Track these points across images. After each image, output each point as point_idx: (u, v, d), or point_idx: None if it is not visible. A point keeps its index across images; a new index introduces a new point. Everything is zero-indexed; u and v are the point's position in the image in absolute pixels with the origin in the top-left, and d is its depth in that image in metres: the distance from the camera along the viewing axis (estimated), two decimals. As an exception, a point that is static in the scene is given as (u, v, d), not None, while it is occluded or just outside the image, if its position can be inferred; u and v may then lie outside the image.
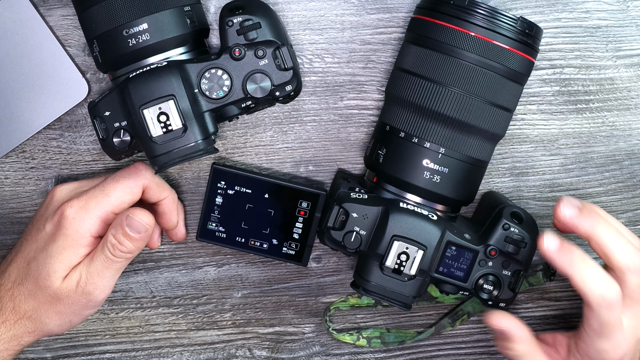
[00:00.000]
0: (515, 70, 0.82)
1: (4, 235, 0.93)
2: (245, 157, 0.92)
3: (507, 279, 0.84)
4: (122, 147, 0.82)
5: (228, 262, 0.94)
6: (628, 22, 0.90)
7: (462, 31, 0.80)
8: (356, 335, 0.94)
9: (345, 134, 0.91)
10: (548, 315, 0.94)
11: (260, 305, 0.94)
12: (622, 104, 0.91)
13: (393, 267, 0.81)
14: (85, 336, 0.95)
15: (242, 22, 0.82)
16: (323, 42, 0.90)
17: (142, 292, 0.94)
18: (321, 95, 0.91)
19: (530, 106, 0.91)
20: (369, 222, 0.83)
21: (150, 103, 0.79)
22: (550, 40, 0.90)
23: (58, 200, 0.85)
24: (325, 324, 0.94)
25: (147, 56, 0.82)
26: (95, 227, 0.82)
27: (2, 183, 0.92)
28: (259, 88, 0.82)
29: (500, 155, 0.92)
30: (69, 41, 0.89)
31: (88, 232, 0.82)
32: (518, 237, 0.83)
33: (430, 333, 0.93)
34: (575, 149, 0.92)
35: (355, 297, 0.93)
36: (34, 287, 0.82)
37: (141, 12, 0.80)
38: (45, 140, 0.91)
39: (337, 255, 0.93)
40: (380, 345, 0.94)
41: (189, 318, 0.95)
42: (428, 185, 0.82)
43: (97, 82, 0.90)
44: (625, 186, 0.93)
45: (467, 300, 0.93)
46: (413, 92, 0.82)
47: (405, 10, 0.90)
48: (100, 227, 0.82)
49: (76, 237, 0.81)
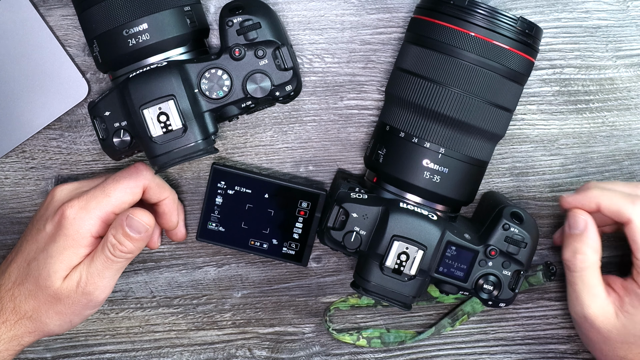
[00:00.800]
0: (515, 70, 0.81)
1: (4, 235, 0.93)
2: (245, 157, 0.92)
3: (507, 279, 0.84)
4: (122, 147, 0.82)
5: (228, 262, 0.94)
6: (628, 22, 0.90)
7: (462, 31, 0.80)
8: (356, 335, 0.94)
9: (345, 134, 0.91)
10: (548, 315, 0.94)
11: (260, 305, 0.94)
12: (622, 104, 0.91)
13: (393, 267, 0.81)
14: (85, 336, 0.95)
15: (242, 22, 0.82)
16: (323, 42, 0.90)
17: (142, 292, 0.94)
18: (321, 95, 0.91)
19: (530, 106, 0.91)
20: (369, 222, 0.83)
21: (150, 103, 0.79)
22: (550, 40, 0.90)
23: (58, 201, 0.84)
24: (325, 324, 0.94)
25: (147, 56, 0.82)
26: (95, 227, 0.82)
27: (2, 183, 0.92)
28: (259, 88, 0.82)
29: (500, 155, 0.92)
30: (69, 41, 0.89)
31: (88, 232, 0.81)
32: (518, 237, 0.83)
33: (430, 333, 0.93)
34: (575, 149, 0.92)
35: (355, 297, 0.93)
36: (34, 288, 0.82)
37: (141, 12, 0.80)
38: (45, 140, 0.91)
39: (337, 255, 0.93)
40: (380, 345, 0.94)
41: (189, 318, 0.95)
42: (428, 185, 0.82)
43: (97, 82, 0.90)
44: (625, 186, 0.93)
45: (466, 300, 0.93)
46: (413, 92, 0.82)
47: (405, 10, 0.90)
48: (101, 228, 0.82)
49: (76, 237, 0.81)
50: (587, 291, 0.83)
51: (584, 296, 0.83)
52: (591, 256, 0.82)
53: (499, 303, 0.85)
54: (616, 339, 0.83)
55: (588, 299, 0.83)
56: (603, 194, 0.82)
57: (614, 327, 0.82)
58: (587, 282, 0.83)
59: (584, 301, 0.83)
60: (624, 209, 0.81)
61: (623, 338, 0.82)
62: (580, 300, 0.83)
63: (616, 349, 0.83)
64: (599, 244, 0.83)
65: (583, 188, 0.84)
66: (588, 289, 0.83)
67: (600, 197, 0.82)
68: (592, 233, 0.82)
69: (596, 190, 0.83)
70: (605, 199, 0.82)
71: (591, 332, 0.84)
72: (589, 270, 0.83)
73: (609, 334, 0.83)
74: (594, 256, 0.83)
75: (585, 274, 0.83)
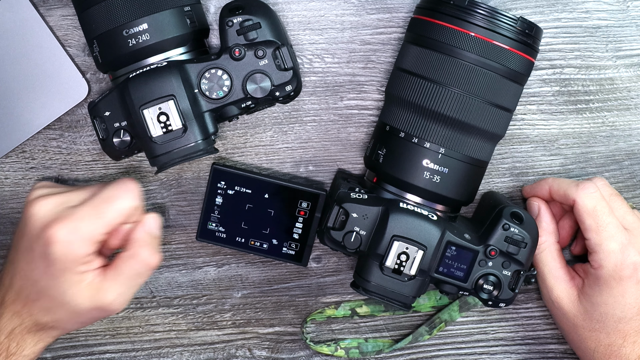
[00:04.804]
0: (515, 71, 0.81)
1: (4, 235, 0.93)
2: (245, 157, 0.92)
3: (507, 279, 0.84)
4: (122, 147, 0.82)
5: (228, 262, 0.94)
6: (628, 22, 0.90)
7: (462, 31, 0.80)
8: (334, 346, 0.94)
9: (345, 134, 0.91)
10: (548, 315, 0.94)
11: (260, 305, 0.94)
12: (622, 104, 0.91)
13: (393, 267, 0.81)
14: (85, 336, 0.95)
15: (242, 22, 0.82)
16: (323, 42, 0.90)
17: (142, 292, 0.94)
18: (321, 95, 0.91)
19: (530, 106, 0.91)
20: (369, 222, 0.83)
21: (150, 103, 0.79)
22: (550, 40, 0.90)
23: (44, 217, 0.79)
24: (302, 335, 0.94)
25: (147, 56, 0.82)
26: (89, 249, 0.79)
27: (2, 183, 0.92)
28: (259, 88, 0.82)
29: (500, 155, 0.92)
30: (69, 41, 0.89)
31: (84, 254, 0.79)
32: (518, 237, 0.83)
33: (407, 342, 0.93)
34: (575, 149, 0.92)
35: (331, 309, 0.93)
36: (51, 305, 0.80)
37: (141, 12, 0.80)
38: (45, 140, 0.91)
39: (337, 255, 0.93)
40: (358, 355, 0.94)
41: (189, 318, 0.95)
42: (428, 185, 0.82)
43: (97, 82, 0.90)
44: (625, 186, 0.93)
45: (443, 308, 0.93)
46: (413, 92, 0.82)
47: (405, 10, 0.90)
48: (94, 247, 0.80)
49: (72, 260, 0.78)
50: (549, 273, 0.87)
51: (547, 279, 0.87)
52: (546, 238, 0.87)
53: (499, 303, 0.85)
54: (583, 325, 0.85)
55: (551, 282, 0.87)
56: (554, 181, 0.88)
57: (578, 311, 0.85)
58: (547, 264, 0.87)
59: (548, 284, 0.87)
60: (569, 191, 0.86)
61: (589, 324, 0.85)
62: (545, 284, 0.87)
63: (586, 340, 0.85)
64: (554, 227, 0.88)
65: (541, 180, 0.90)
66: (550, 271, 0.87)
67: (551, 183, 0.88)
68: (546, 216, 0.88)
69: (550, 179, 0.89)
70: (554, 185, 0.88)
71: (561, 319, 0.87)
72: (546, 252, 0.87)
73: (575, 319, 0.85)
74: (550, 238, 0.87)
75: (544, 256, 0.87)
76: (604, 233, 0.83)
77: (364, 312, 0.93)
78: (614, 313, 0.83)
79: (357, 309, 0.93)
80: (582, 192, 0.85)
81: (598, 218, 0.84)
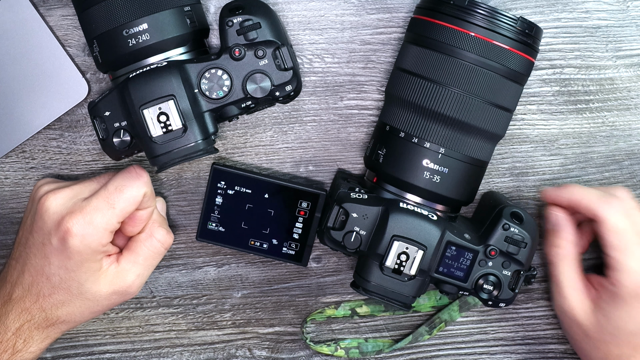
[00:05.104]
0: (515, 71, 0.82)
1: (4, 235, 0.93)
2: (245, 157, 0.92)
3: (507, 279, 0.84)
4: (122, 147, 0.82)
5: (228, 262, 0.94)
6: (628, 22, 0.90)
7: (462, 31, 0.80)
8: (334, 346, 0.94)
9: (345, 134, 0.91)
10: (548, 315, 0.94)
11: (260, 305, 0.94)
12: (622, 104, 0.91)
13: (393, 267, 0.81)
14: (85, 336, 0.95)
15: (242, 22, 0.82)
16: (323, 42, 0.90)
17: (142, 292, 0.94)
18: (321, 95, 0.91)
19: (530, 106, 0.91)
20: (369, 222, 0.83)
21: (150, 103, 0.79)
22: (550, 40, 0.90)
23: (56, 213, 0.80)
24: (302, 335, 0.94)
25: (147, 56, 0.82)
26: (104, 239, 0.81)
27: (2, 183, 0.92)
28: (259, 88, 0.82)
29: (500, 155, 0.92)
30: (69, 41, 0.89)
31: (99, 245, 0.80)
32: (518, 237, 0.83)
33: (407, 341, 0.93)
34: (575, 149, 0.92)
35: (331, 308, 0.93)
36: (68, 297, 0.81)
37: (141, 12, 0.80)
38: (45, 140, 0.91)
39: (337, 255, 0.93)
40: (358, 355, 0.94)
41: (189, 318, 0.95)
42: (428, 185, 0.82)
43: (97, 82, 0.90)
44: (625, 186, 0.93)
45: (443, 308, 0.93)
46: (413, 92, 0.82)
47: (405, 10, 0.90)
48: (109, 236, 0.81)
49: (89, 251, 0.80)
50: (566, 283, 0.86)
51: (563, 288, 0.86)
52: (566, 248, 0.86)
53: (499, 303, 0.85)
54: (594, 336, 0.84)
55: (567, 292, 0.85)
56: (578, 191, 0.85)
57: (591, 323, 0.84)
58: (565, 274, 0.86)
59: (563, 293, 0.86)
60: (593, 205, 0.84)
61: (600, 336, 0.84)
62: (560, 292, 0.86)
63: (596, 348, 0.85)
64: (574, 238, 0.86)
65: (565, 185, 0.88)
66: (567, 281, 0.86)
67: (576, 191, 0.85)
68: (567, 227, 0.86)
69: (575, 187, 0.86)
70: (577, 194, 0.85)
71: (572, 328, 0.86)
72: (565, 262, 0.86)
73: (587, 330, 0.85)
74: (569, 248, 0.86)
75: (562, 265, 0.86)
76: (627, 252, 0.82)
77: (364, 312, 0.93)
78: (627, 327, 0.83)
79: (357, 309, 0.93)
80: (609, 210, 0.83)
81: (623, 237, 0.83)
